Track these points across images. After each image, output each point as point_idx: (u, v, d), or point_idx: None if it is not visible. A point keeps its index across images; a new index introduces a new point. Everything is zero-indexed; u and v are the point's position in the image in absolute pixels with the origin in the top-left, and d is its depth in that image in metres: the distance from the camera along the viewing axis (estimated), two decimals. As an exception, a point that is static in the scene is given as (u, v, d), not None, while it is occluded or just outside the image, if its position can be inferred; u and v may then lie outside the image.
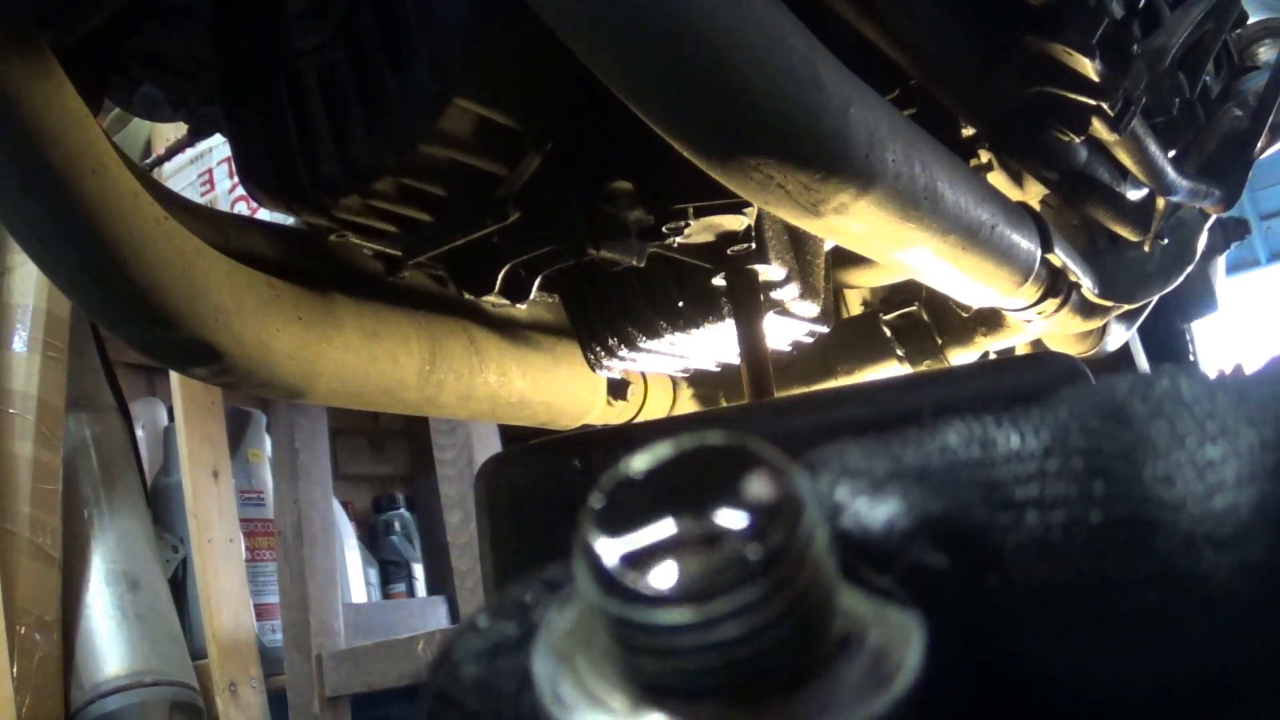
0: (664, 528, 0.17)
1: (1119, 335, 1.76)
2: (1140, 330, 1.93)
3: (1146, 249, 1.47)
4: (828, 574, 0.18)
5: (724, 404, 1.60)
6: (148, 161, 2.29)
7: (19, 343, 2.17)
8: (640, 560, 0.17)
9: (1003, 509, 0.17)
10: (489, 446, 2.13)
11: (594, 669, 0.18)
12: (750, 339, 1.13)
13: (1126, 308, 1.51)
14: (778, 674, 0.17)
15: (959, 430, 0.19)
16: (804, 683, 0.17)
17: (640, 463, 0.18)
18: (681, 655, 0.17)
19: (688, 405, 1.60)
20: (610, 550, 0.17)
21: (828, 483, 0.19)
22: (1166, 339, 2.41)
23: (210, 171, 2.54)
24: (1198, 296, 2.34)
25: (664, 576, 0.17)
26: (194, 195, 2.44)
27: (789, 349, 1.39)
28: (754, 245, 1.08)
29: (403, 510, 3.39)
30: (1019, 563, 0.17)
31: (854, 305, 1.75)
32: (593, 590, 0.17)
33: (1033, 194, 1.36)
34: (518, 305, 1.14)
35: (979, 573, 0.17)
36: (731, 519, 0.17)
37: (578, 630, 0.19)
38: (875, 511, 0.18)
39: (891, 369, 1.61)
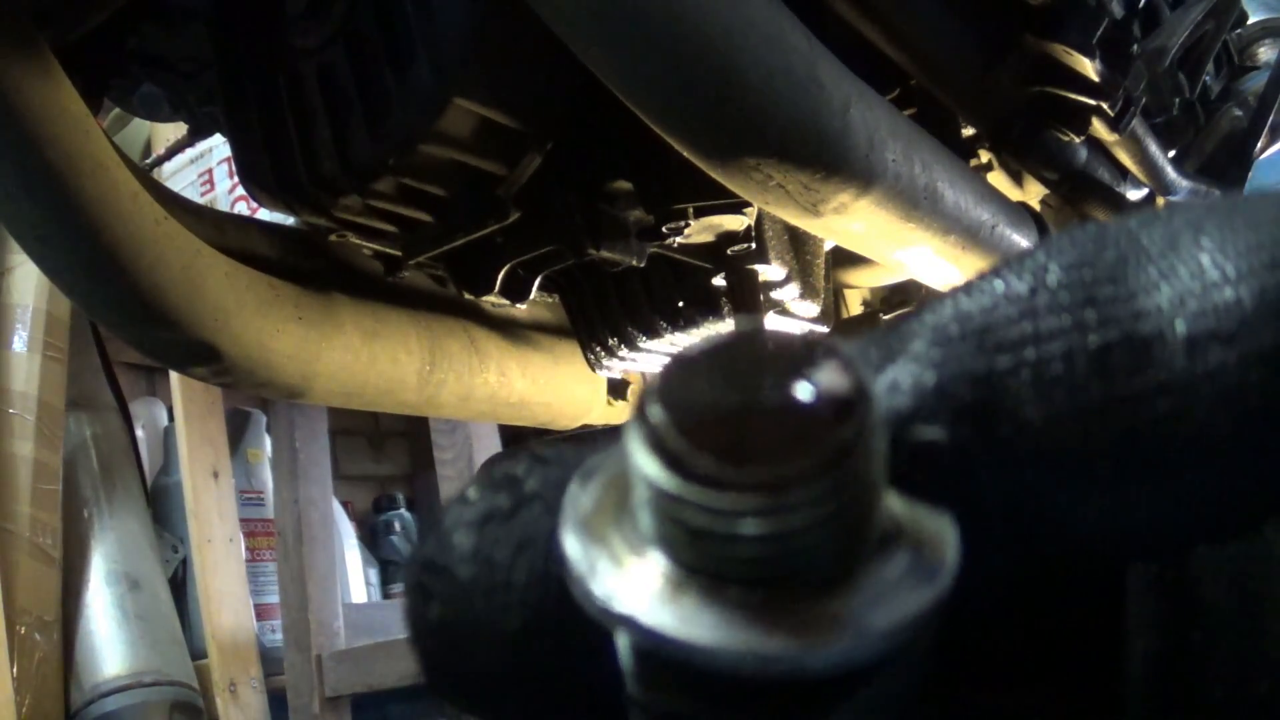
0: (729, 405, 0.16)
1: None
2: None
3: (1146, 249, 1.47)
4: (882, 469, 0.17)
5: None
6: (148, 161, 2.29)
7: (19, 343, 2.17)
8: (703, 437, 0.16)
9: (998, 352, 0.17)
10: (489, 446, 2.13)
11: (630, 549, 0.17)
12: (750, 339, 1.13)
13: (1126, 308, 1.51)
14: (826, 568, 0.16)
15: (942, 303, 0.18)
16: (847, 578, 0.16)
17: (701, 342, 0.17)
18: (741, 543, 0.16)
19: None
20: (668, 424, 0.16)
21: None
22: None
23: (210, 171, 2.54)
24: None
25: (731, 458, 0.16)
26: (194, 195, 2.44)
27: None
28: (754, 245, 1.08)
29: (403, 510, 3.39)
30: (1027, 403, 0.17)
31: (854, 305, 1.75)
32: (653, 466, 0.16)
33: (1033, 194, 1.36)
34: (518, 305, 1.14)
35: (989, 428, 0.17)
36: (802, 404, 0.16)
37: (605, 506, 0.18)
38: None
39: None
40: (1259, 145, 1.63)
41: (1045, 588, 0.19)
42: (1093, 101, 1.11)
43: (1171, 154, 1.42)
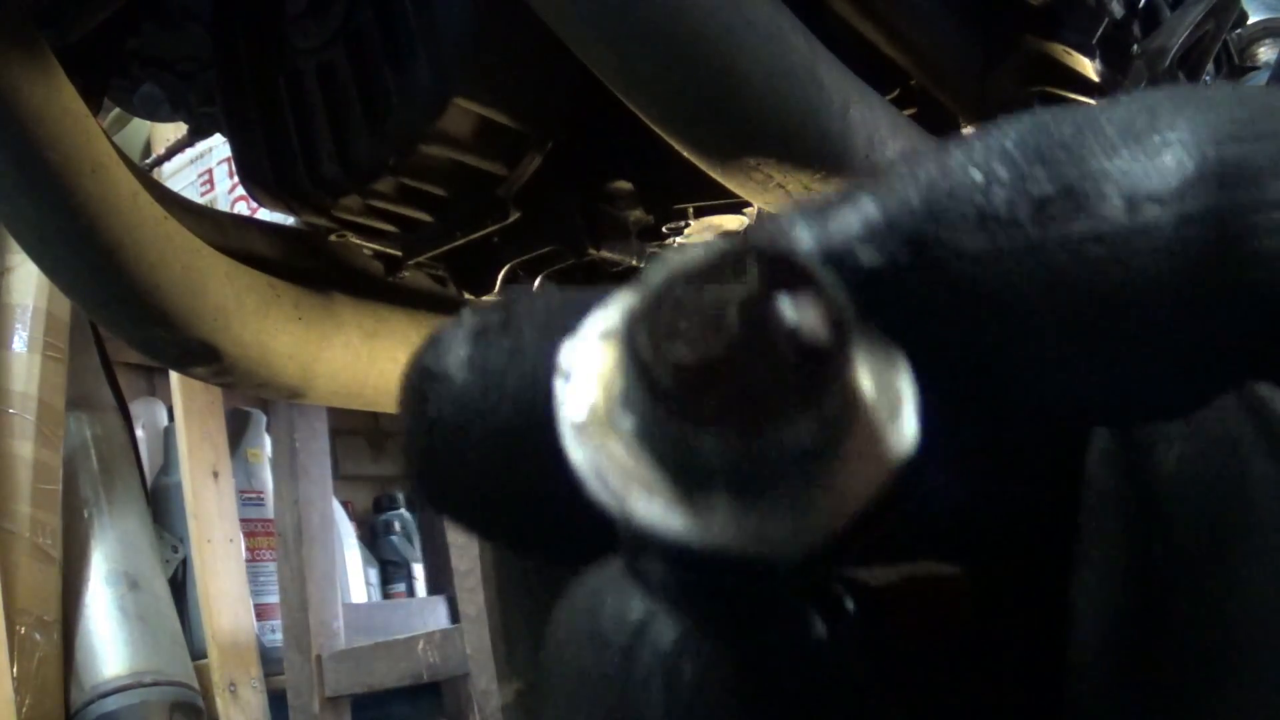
0: (716, 335, 0.17)
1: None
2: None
3: (1146, 249, 1.47)
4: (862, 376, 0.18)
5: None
6: (148, 161, 2.29)
7: (19, 343, 2.17)
8: (693, 377, 0.16)
9: (944, 196, 0.18)
10: (489, 446, 2.13)
11: (630, 454, 0.18)
12: (750, 339, 1.13)
13: (1126, 308, 1.52)
14: (805, 464, 0.17)
15: (897, 163, 0.19)
16: (819, 459, 0.17)
17: (688, 261, 0.17)
18: (729, 471, 0.17)
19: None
20: (657, 359, 0.17)
21: (784, 224, 0.19)
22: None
23: (210, 171, 2.54)
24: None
25: (719, 397, 0.16)
26: (194, 195, 2.44)
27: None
28: (754, 245, 1.08)
29: (403, 510, 3.38)
30: (965, 235, 0.18)
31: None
32: (647, 405, 0.17)
33: (1033, 194, 1.36)
34: (518, 305, 1.14)
35: (926, 252, 0.18)
36: (785, 337, 0.16)
37: (596, 406, 0.18)
38: (826, 233, 0.18)
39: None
40: (1259, 145, 1.63)
41: (1004, 499, 0.20)
42: (1093, 102, 1.11)
43: (1171, 154, 1.42)
